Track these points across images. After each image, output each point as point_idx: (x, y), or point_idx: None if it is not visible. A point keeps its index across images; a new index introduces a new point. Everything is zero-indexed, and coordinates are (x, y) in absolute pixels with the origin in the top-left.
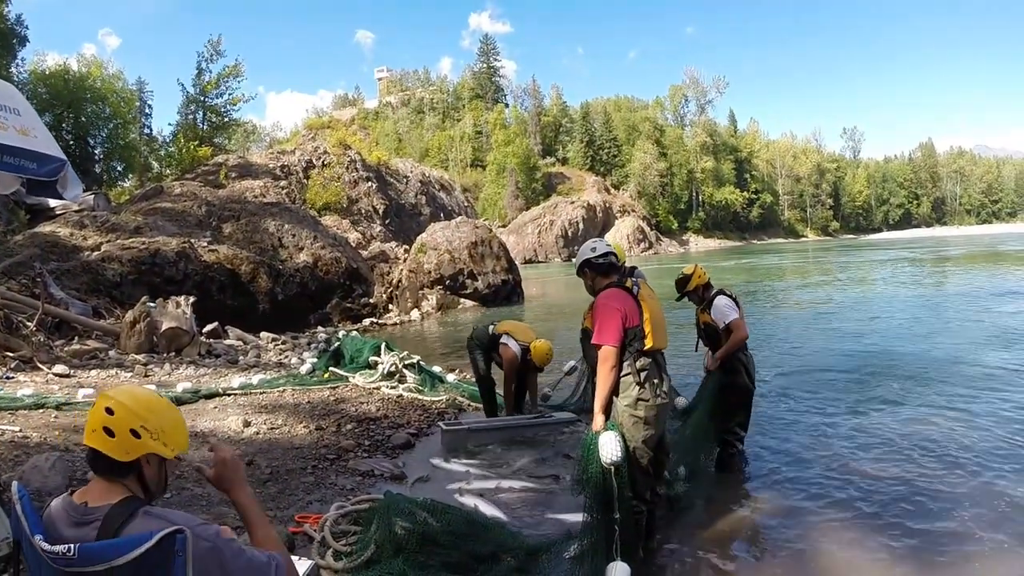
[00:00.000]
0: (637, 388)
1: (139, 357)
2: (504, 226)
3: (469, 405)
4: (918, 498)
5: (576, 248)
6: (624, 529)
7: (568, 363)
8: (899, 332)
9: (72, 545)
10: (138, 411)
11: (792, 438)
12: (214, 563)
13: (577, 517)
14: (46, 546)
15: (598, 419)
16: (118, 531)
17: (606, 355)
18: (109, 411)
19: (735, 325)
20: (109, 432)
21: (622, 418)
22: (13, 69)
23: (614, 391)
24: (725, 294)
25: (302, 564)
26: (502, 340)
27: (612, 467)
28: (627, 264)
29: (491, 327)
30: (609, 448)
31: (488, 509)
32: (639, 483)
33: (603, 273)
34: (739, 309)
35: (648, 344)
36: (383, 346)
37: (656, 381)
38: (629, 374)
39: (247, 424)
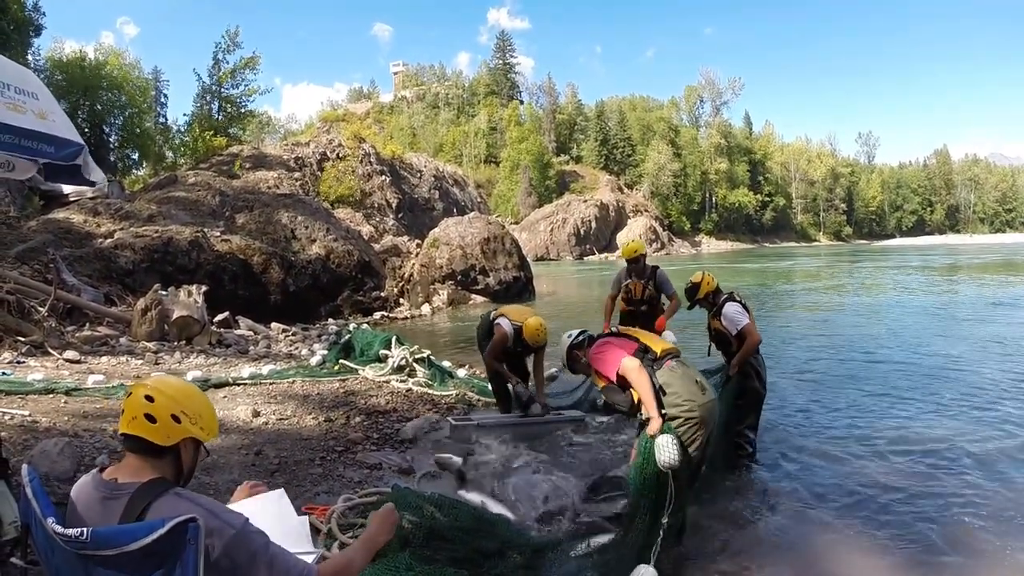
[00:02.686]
0: (682, 391)
1: (150, 345)
2: (517, 223)
3: (479, 401)
4: (927, 502)
5: (588, 246)
6: (668, 535)
7: None
8: (909, 337)
9: (85, 529)
10: (177, 397)
11: (801, 441)
12: (241, 550)
13: (584, 516)
14: (58, 529)
15: (654, 423)
16: (145, 510)
17: (629, 365)
18: (149, 398)
19: (748, 331)
20: (151, 418)
21: (680, 426)
22: (29, 57)
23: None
24: (734, 300)
25: (308, 556)
26: (496, 322)
27: (669, 471)
28: (648, 262)
29: (491, 312)
30: (668, 451)
31: (495, 506)
32: (685, 489)
33: (588, 347)
34: (748, 314)
35: (657, 352)
36: (394, 340)
37: (697, 380)
38: (662, 387)
39: (256, 414)
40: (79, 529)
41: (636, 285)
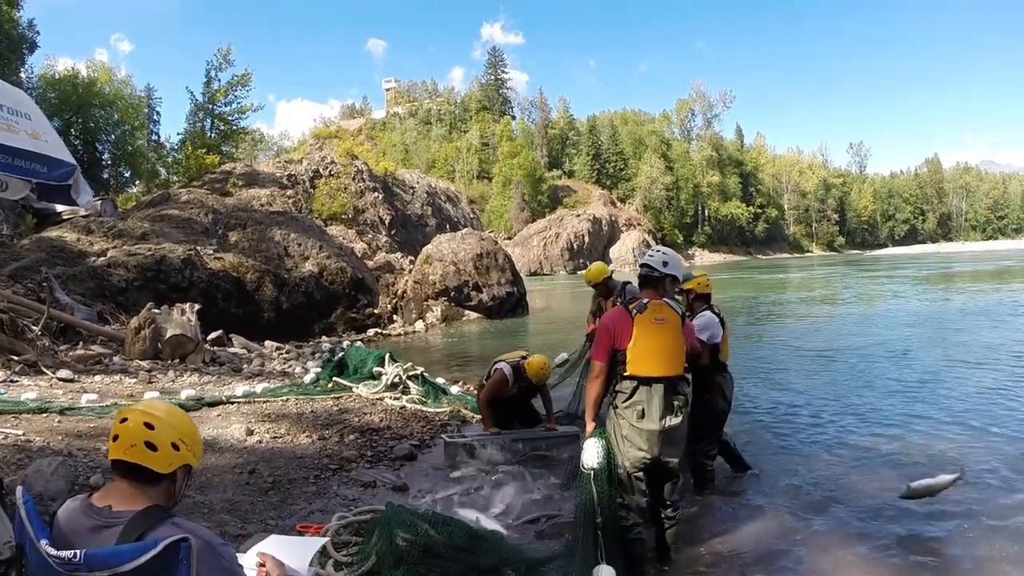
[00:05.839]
0: (622, 408)
1: (143, 363)
2: (510, 238)
3: (473, 417)
4: (917, 509)
5: (582, 261)
6: (608, 533)
7: (560, 355)
8: (898, 346)
9: (78, 551)
10: (175, 424)
11: (780, 452)
12: None
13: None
14: (52, 551)
15: (588, 426)
16: (140, 538)
17: (592, 369)
18: (149, 426)
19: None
20: (152, 446)
21: (611, 430)
22: (23, 75)
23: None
24: (713, 311)
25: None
26: (495, 367)
27: (591, 472)
28: (616, 279)
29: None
30: (588, 454)
31: (489, 523)
32: (626, 497)
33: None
34: (724, 329)
35: (628, 370)
36: (387, 357)
37: (641, 408)
38: (616, 393)
39: (250, 432)
40: (72, 552)
41: (607, 305)
